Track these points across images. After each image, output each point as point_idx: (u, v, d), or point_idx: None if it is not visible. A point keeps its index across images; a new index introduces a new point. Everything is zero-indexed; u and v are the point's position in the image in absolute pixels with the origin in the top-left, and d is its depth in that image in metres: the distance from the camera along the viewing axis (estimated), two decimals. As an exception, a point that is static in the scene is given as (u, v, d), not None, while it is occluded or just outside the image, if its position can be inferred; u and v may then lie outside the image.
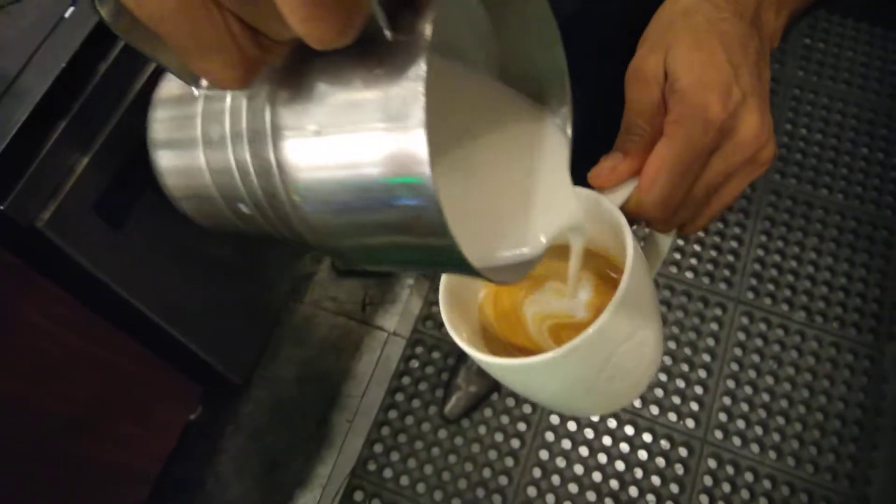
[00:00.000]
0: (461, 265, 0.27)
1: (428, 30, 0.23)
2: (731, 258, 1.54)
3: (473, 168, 0.35)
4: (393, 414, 1.40)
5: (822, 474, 1.34)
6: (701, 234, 1.56)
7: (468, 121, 0.35)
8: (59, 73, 0.73)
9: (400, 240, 0.27)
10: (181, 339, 1.09)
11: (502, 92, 0.37)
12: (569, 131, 0.38)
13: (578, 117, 0.63)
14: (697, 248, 1.55)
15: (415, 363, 1.44)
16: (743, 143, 0.38)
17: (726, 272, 1.52)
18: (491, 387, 1.38)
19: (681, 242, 1.55)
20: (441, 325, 1.46)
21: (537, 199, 0.37)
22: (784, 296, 1.50)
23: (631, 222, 0.39)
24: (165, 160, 0.32)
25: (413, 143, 0.23)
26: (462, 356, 1.39)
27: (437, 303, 1.49)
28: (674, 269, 1.53)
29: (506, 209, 0.36)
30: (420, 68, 0.23)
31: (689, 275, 1.52)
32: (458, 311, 0.42)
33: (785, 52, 1.80)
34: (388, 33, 0.24)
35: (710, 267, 1.53)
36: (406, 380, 1.43)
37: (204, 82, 0.30)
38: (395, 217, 0.25)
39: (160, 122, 0.32)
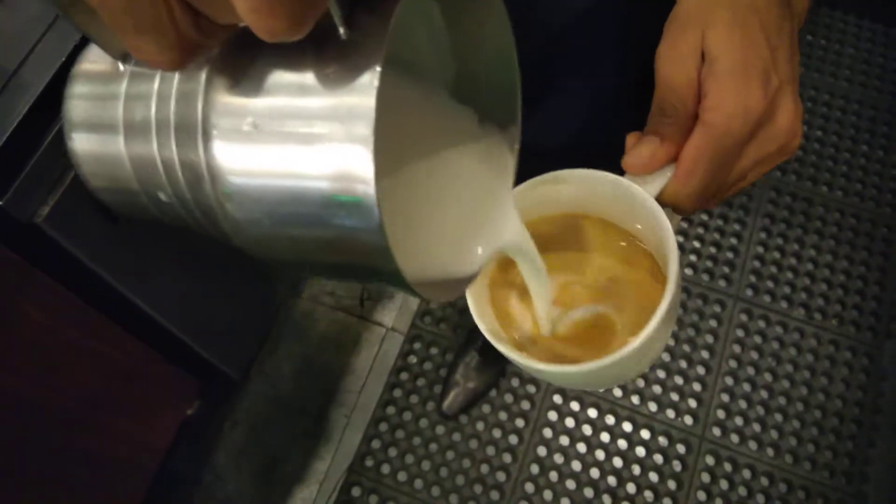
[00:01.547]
0: (398, 283, 0.26)
1: (385, 34, 0.22)
2: (730, 255, 1.54)
3: (415, 183, 0.34)
4: (391, 410, 1.39)
5: (820, 471, 1.34)
6: (701, 230, 1.56)
7: (413, 134, 0.34)
8: (59, 67, 0.72)
9: (336, 257, 0.25)
10: (179, 335, 1.08)
11: (451, 106, 0.36)
12: (516, 150, 0.37)
13: (594, 109, 0.63)
14: (697, 244, 1.55)
15: (413, 359, 1.44)
16: (779, 132, 0.37)
17: (725, 269, 1.52)
18: (489, 383, 1.38)
19: (680, 239, 1.55)
20: (439, 320, 1.46)
21: (479, 217, 0.36)
22: (783, 293, 1.50)
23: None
24: (81, 143, 0.29)
25: (359, 159, 0.22)
26: (460, 352, 1.39)
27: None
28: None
29: (446, 226, 0.35)
30: (373, 77, 0.22)
31: (688, 271, 1.52)
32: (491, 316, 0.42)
33: (786, 49, 1.79)
34: (342, 31, 0.23)
35: (709, 264, 1.53)
36: (404, 375, 1.42)
37: (133, 59, 0.28)
38: (334, 235, 0.24)
39: (78, 100, 0.29)
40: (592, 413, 1.39)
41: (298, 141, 0.23)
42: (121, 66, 0.28)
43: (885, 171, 1.63)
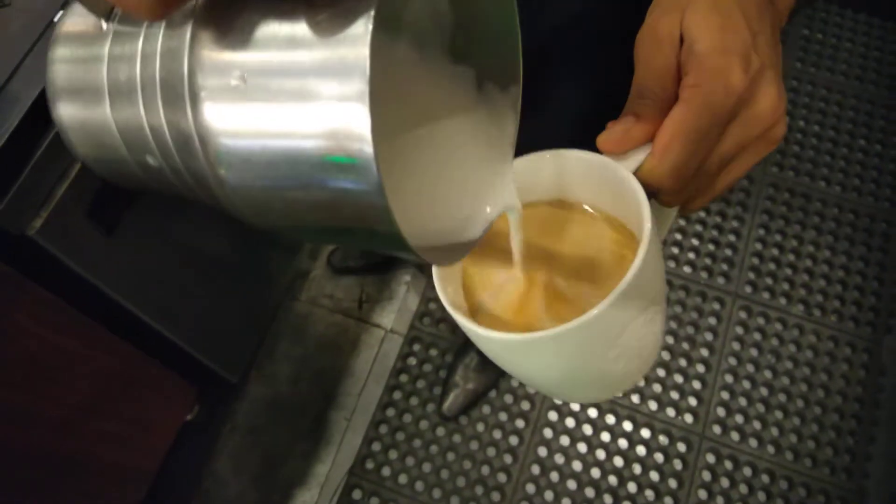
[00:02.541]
0: (399, 247, 0.24)
1: None
2: (729, 252, 1.53)
3: (413, 146, 0.32)
4: (391, 412, 1.39)
5: (821, 468, 1.34)
6: (699, 227, 1.56)
7: (411, 96, 0.33)
8: (49, 78, 0.71)
9: (334, 220, 0.24)
10: (176, 341, 1.08)
11: (449, 68, 0.34)
12: (517, 111, 0.36)
13: (582, 103, 0.62)
14: (695, 242, 1.54)
15: (412, 361, 1.44)
16: (761, 114, 0.36)
17: (724, 266, 1.52)
18: (489, 384, 1.38)
19: (678, 237, 1.55)
20: (439, 321, 1.46)
21: (478, 180, 0.35)
22: (782, 289, 1.49)
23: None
24: (66, 110, 0.28)
25: (354, 116, 0.20)
26: (460, 353, 1.39)
27: (434, 299, 1.46)
28: (672, 264, 1.52)
29: (446, 190, 0.34)
30: (367, 21, 0.20)
31: (686, 269, 1.52)
32: (453, 289, 0.39)
33: (783, 43, 1.78)
34: None
35: (708, 261, 1.52)
36: (404, 377, 1.42)
37: (116, 13, 0.26)
38: (330, 197, 0.23)
39: (61, 63, 0.28)
40: (592, 413, 1.38)
41: (290, 98, 0.22)
42: (104, 25, 0.27)
43: (883, 165, 1.62)
